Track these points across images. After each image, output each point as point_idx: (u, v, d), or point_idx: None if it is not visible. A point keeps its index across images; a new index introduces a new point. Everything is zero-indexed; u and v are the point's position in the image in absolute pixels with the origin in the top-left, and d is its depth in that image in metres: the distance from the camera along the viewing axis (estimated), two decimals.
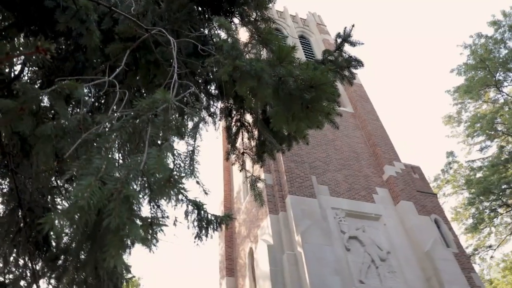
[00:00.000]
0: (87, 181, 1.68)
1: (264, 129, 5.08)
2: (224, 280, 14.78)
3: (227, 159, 5.87)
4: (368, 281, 11.35)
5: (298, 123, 4.00)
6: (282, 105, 3.79)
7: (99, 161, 1.85)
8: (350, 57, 4.92)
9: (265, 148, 5.36)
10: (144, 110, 2.40)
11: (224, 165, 18.34)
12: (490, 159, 23.58)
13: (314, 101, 3.56)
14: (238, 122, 5.85)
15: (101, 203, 1.67)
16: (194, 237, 7.28)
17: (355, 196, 13.67)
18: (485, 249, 24.71)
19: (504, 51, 24.34)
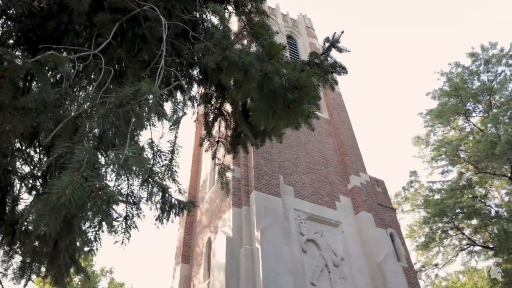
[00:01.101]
0: (69, 177, 1.69)
1: (242, 121, 5.08)
2: (179, 266, 14.70)
3: (200, 145, 5.84)
4: (319, 284, 11.61)
5: (277, 121, 4.03)
6: (264, 101, 3.80)
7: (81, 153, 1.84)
8: (335, 62, 4.99)
9: (240, 140, 5.37)
10: (128, 98, 2.35)
11: (194, 153, 18.20)
12: (449, 183, 24.59)
13: (296, 102, 3.60)
14: (217, 110, 5.82)
15: (81, 200, 1.69)
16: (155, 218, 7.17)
17: (319, 201, 13.92)
18: (432, 267, 25.85)
19: (477, 83, 25.41)
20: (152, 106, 2.56)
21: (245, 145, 5.35)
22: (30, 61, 2.25)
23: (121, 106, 2.31)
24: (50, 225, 1.57)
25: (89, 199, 1.81)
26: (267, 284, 9.98)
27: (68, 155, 1.92)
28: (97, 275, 23.57)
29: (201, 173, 17.19)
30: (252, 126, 4.85)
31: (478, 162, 22.70)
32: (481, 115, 25.98)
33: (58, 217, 1.64)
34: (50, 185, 1.62)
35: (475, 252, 25.02)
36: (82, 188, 1.69)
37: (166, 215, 7.90)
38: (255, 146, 5.29)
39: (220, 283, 10.63)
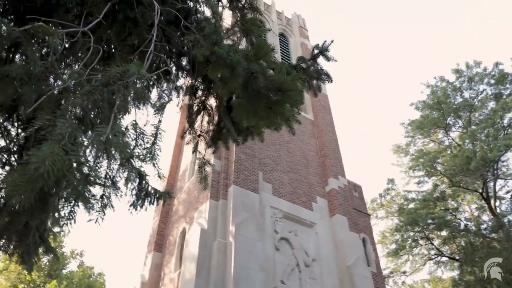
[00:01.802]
0: (50, 148, 1.63)
1: (225, 117, 5.08)
2: (151, 254, 14.61)
3: (182, 137, 5.82)
4: (289, 282, 11.73)
5: (258, 120, 4.06)
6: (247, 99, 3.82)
7: (63, 126, 1.80)
8: (321, 70, 5.06)
9: (222, 136, 5.38)
10: (114, 78, 2.32)
11: (176, 142, 18.07)
12: (424, 194, 25.18)
13: (278, 104, 3.64)
14: (202, 104, 5.81)
15: (60, 173, 1.64)
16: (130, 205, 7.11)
17: (296, 200, 14.05)
18: (400, 274, 26.48)
19: (459, 99, 26.05)
20: (138, 88, 2.54)
21: (226, 141, 5.36)
22: (19, 30, 2.19)
23: (108, 86, 2.29)
24: (25, 197, 1.54)
25: (68, 172, 1.78)
26: (237, 278, 10.03)
27: (50, 128, 1.88)
28: (66, 257, 23.21)
29: (182, 162, 17.09)
30: (235, 123, 4.87)
31: (453, 175, 23.30)
32: (460, 130, 26.66)
33: (34, 189, 1.60)
34: (30, 154, 1.60)
35: (442, 263, 25.74)
36: (62, 160, 1.64)
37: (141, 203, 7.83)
38: (236, 143, 5.31)
39: (191, 274, 10.62)
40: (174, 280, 12.56)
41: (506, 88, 24.78)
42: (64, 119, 1.98)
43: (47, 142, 1.73)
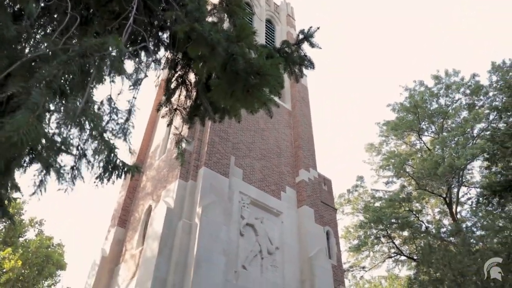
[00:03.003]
0: (25, 117, 1.61)
1: (203, 94, 4.97)
2: (114, 229, 14.37)
3: (158, 110, 5.67)
4: (250, 268, 11.81)
5: (235, 102, 3.97)
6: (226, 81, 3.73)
7: (38, 96, 1.76)
8: (305, 55, 4.99)
9: (199, 112, 5.25)
10: (91, 50, 2.19)
11: (151, 118, 17.71)
12: (391, 194, 25.83)
13: (256, 87, 3.56)
14: (180, 78, 5.65)
15: (34, 142, 1.62)
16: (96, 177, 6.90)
17: (265, 188, 14.08)
18: (359, 269, 27.26)
19: (435, 105, 26.68)
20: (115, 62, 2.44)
21: (202, 118, 5.24)
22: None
23: (84, 57, 2.20)
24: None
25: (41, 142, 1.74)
26: (199, 260, 10.00)
27: (23, 95, 1.83)
28: (24, 225, 22.52)
29: (154, 139, 16.79)
30: (212, 102, 4.77)
31: (420, 179, 23.95)
32: (432, 135, 27.36)
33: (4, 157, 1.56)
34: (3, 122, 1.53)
35: (400, 261, 26.62)
36: (37, 130, 1.61)
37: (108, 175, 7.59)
38: (212, 120, 5.20)
39: (153, 252, 10.51)
40: (135, 257, 12.42)
41: (480, 100, 25.54)
42: (39, 88, 1.90)
43: (21, 110, 1.68)
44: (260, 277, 11.88)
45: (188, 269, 10.00)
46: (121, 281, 12.44)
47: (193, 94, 5.50)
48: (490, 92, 24.70)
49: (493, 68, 23.46)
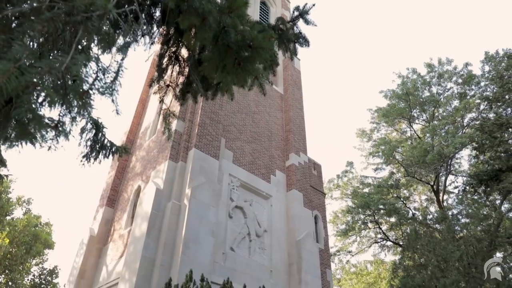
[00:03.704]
0: (5, 66, 1.57)
1: (195, 70, 4.89)
2: (103, 209, 14.32)
3: (150, 86, 5.59)
4: (238, 250, 11.91)
5: (226, 75, 3.89)
6: (217, 54, 3.64)
7: (20, 48, 1.72)
8: (300, 33, 4.90)
9: (191, 89, 5.17)
10: (79, 9, 2.11)
11: (141, 98, 17.49)
12: (380, 180, 26.10)
13: (248, 60, 3.48)
14: (173, 55, 5.55)
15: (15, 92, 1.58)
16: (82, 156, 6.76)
17: (255, 171, 14.10)
18: (346, 253, 27.73)
19: (427, 93, 26.76)
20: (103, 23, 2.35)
21: (195, 95, 5.16)
22: None
23: (70, 15, 2.11)
24: None
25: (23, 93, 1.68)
26: (187, 241, 10.03)
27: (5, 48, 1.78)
28: (12, 204, 22.34)
29: (144, 119, 16.61)
30: (204, 78, 4.69)
31: (409, 166, 24.19)
32: (423, 123, 27.54)
33: None
34: None
35: (386, 247, 27.10)
36: (18, 81, 1.57)
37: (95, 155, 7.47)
38: (204, 97, 5.13)
39: (141, 232, 10.51)
40: (123, 237, 12.42)
41: (471, 89, 25.67)
42: (21, 41, 1.83)
43: (2, 61, 1.64)
44: (248, 259, 12.00)
45: (176, 250, 10.04)
46: (109, 260, 12.46)
47: (185, 71, 5.42)
48: (482, 82, 24.84)
49: (486, 58, 23.52)
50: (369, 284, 28.41)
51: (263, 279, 11.69)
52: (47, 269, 23.18)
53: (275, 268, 12.51)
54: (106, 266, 12.47)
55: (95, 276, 12.78)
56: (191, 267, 8.96)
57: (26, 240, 21.26)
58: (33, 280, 22.58)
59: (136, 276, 9.48)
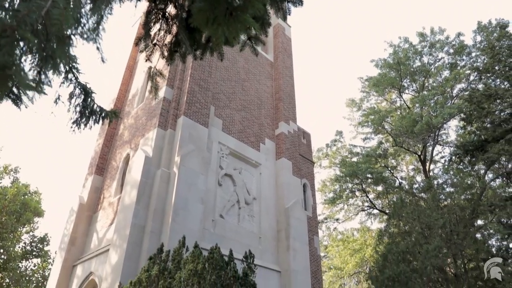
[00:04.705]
0: None
1: (183, 29, 4.74)
2: (92, 177, 14.27)
3: (136, 44, 5.43)
4: (227, 217, 12.07)
5: (217, 27, 3.75)
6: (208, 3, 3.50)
7: None
8: None
9: (179, 48, 5.04)
10: None
11: (128, 64, 17.09)
12: (368, 150, 26.38)
13: (240, 10, 3.36)
14: (161, 12, 5.38)
15: None
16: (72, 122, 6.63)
17: (244, 140, 14.10)
18: (333, 221, 28.38)
19: (417, 63, 26.64)
20: None
21: (183, 55, 5.03)
22: None
23: None
24: None
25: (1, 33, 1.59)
26: (177, 208, 10.11)
27: None
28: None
29: (132, 87, 16.31)
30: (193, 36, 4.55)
31: (397, 136, 24.42)
32: (412, 93, 27.59)
33: None
34: None
35: (373, 215, 27.78)
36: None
37: (85, 121, 7.33)
38: (193, 57, 5.01)
39: (131, 200, 10.55)
40: (113, 205, 12.46)
41: (462, 60, 25.62)
42: None
43: None
44: (237, 226, 12.19)
45: (166, 217, 10.13)
46: (100, 227, 12.55)
47: (173, 29, 5.27)
48: (473, 52, 24.76)
49: (478, 28, 23.33)
50: (355, 251, 29.28)
51: (252, 246, 11.93)
52: (38, 237, 23.34)
53: (263, 235, 12.76)
54: (97, 233, 12.57)
55: (86, 243, 12.90)
56: (181, 233, 9.07)
57: (15, 208, 21.25)
58: (24, 248, 22.75)
59: (127, 243, 9.59)
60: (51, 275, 12.79)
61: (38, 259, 23.28)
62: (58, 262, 12.61)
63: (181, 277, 6.76)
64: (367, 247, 28.44)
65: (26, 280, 22.14)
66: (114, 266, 9.62)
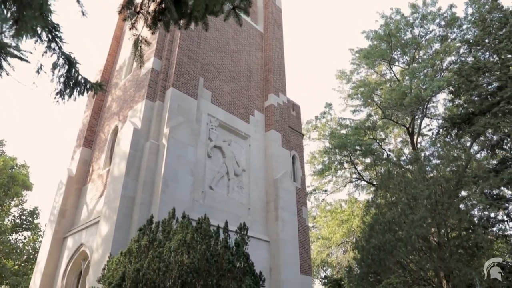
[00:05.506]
0: None
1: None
2: (80, 150, 14.15)
3: (120, 12, 5.26)
4: (217, 188, 12.17)
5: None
6: None
7: None
8: None
9: (163, 17, 4.92)
10: None
11: (115, 34, 16.66)
12: (357, 122, 26.52)
13: None
14: None
15: None
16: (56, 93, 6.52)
17: (233, 111, 14.03)
18: (321, 192, 28.84)
19: (408, 35, 26.45)
20: None
21: (167, 23, 4.92)
22: None
23: None
24: None
25: None
26: (166, 179, 10.14)
27: None
28: None
29: (119, 57, 15.96)
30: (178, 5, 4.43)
31: (386, 108, 24.53)
32: (402, 66, 27.53)
33: None
34: None
35: (361, 186, 28.26)
36: None
37: (69, 92, 7.17)
38: (177, 26, 4.89)
39: (120, 172, 10.54)
40: (102, 177, 12.44)
41: (453, 32, 25.49)
42: None
43: None
44: (226, 197, 12.32)
45: (155, 188, 10.17)
46: (89, 200, 12.58)
47: None
48: (464, 25, 24.63)
49: (470, 0, 23.12)
50: (343, 221, 29.95)
51: (242, 216, 12.11)
52: (27, 210, 23.31)
53: (253, 206, 12.94)
54: (87, 205, 12.60)
55: (76, 215, 12.95)
56: (171, 205, 9.15)
57: (3, 182, 21.09)
58: (14, 221, 22.77)
59: (117, 214, 9.65)
60: (42, 247, 12.89)
61: (28, 232, 23.37)
62: (49, 234, 12.68)
63: (171, 246, 6.87)
64: (355, 217, 29.10)
65: (17, 252, 22.29)
66: (104, 237, 9.70)
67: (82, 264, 11.44)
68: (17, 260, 22.29)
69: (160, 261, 6.61)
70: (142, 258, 6.86)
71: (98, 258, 9.49)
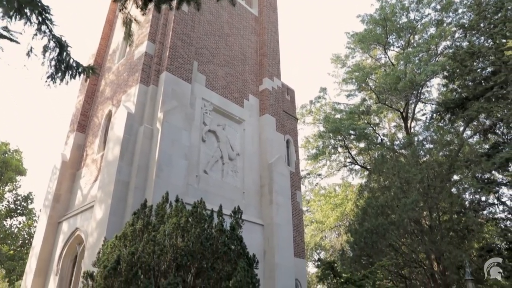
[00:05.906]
0: None
1: None
2: (73, 134, 14.07)
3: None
4: (211, 173, 12.21)
5: None
6: None
7: None
8: None
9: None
10: None
11: (108, 17, 16.39)
12: (352, 106, 26.55)
13: None
14: None
15: None
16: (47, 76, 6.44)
17: (228, 95, 13.98)
18: (315, 176, 29.04)
19: (404, 19, 26.30)
20: None
21: (158, 4, 4.86)
22: None
23: None
24: None
25: None
26: (161, 164, 10.15)
27: None
28: None
29: (112, 41, 15.75)
30: None
31: (381, 93, 24.56)
32: (397, 50, 27.45)
33: None
34: None
35: (354, 170, 28.48)
36: None
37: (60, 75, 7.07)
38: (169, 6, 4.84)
39: (114, 156, 10.52)
40: (96, 162, 12.42)
41: (449, 16, 25.38)
42: None
43: None
44: (221, 181, 12.37)
45: (150, 173, 10.18)
46: (84, 184, 12.57)
47: None
48: (460, 9, 24.52)
49: None
50: (336, 205, 30.27)
51: (236, 200, 12.19)
52: (21, 195, 23.28)
53: (247, 190, 13.02)
54: (81, 190, 12.60)
55: (71, 200, 12.95)
56: (165, 189, 9.18)
57: None
58: (8, 207, 22.74)
59: (111, 198, 9.67)
60: (37, 232, 12.92)
61: (23, 217, 23.38)
62: (43, 219, 12.70)
63: (165, 230, 6.93)
64: (348, 201, 29.41)
65: (12, 237, 22.34)
66: (99, 221, 9.75)
67: (77, 248, 11.50)
68: (12, 245, 22.38)
69: (155, 245, 6.67)
70: (137, 242, 6.91)
71: (93, 242, 9.54)
